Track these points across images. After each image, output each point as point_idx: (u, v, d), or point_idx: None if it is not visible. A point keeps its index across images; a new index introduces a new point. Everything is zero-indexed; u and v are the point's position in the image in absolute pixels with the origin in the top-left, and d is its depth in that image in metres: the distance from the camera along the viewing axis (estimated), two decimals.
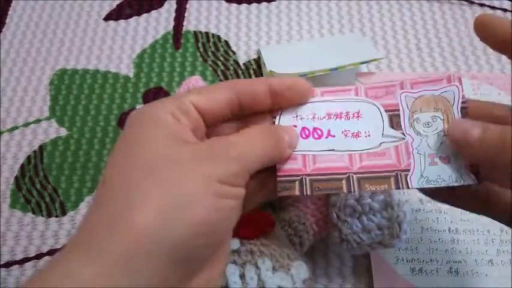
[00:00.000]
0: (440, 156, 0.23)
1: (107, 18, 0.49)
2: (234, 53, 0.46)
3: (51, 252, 0.36)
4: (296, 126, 0.24)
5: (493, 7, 0.46)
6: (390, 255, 0.34)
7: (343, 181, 0.23)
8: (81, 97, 0.44)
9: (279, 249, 0.27)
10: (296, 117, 0.25)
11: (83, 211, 0.38)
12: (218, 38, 0.47)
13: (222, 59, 0.45)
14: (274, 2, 0.49)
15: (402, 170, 0.23)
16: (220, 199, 0.19)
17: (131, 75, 0.45)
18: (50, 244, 0.37)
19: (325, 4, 0.49)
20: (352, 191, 0.23)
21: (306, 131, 0.24)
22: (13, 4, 0.50)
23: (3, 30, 0.49)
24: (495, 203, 0.23)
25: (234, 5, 0.49)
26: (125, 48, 0.47)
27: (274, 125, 0.24)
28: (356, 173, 0.23)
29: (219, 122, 0.23)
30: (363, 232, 0.29)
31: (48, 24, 0.49)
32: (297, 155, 0.24)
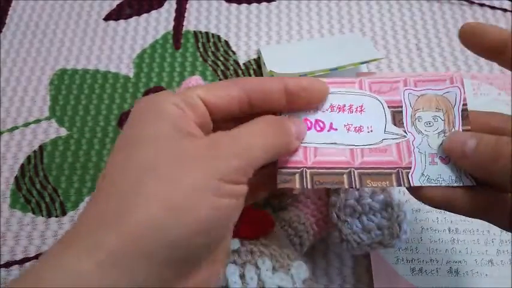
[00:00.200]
0: (441, 156, 0.23)
1: (107, 18, 0.49)
2: (234, 53, 0.46)
3: None
4: (298, 117, 0.24)
5: (493, 7, 0.46)
6: (390, 255, 0.34)
7: (345, 176, 0.23)
8: (81, 97, 0.44)
9: (279, 249, 0.27)
10: None
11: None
12: (218, 38, 0.47)
13: (222, 59, 0.45)
14: (274, 2, 0.49)
15: (403, 168, 0.23)
16: (220, 198, 0.19)
17: (131, 75, 0.45)
18: (50, 244, 0.37)
19: (325, 4, 0.49)
20: (353, 186, 0.23)
21: (308, 123, 0.24)
22: (13, 4, 0.50)
23: (3, 30, 0.49)
24: (492, 207, 0.22)
25: (234, 5, 0.49)
26: (125, 48, 0.47)
27: (280, 116, 0.23)
28: (357, 168, 0.23)
29: (227, 118, 0.23)
30: (363, 232, 0.29)
31: (48, 24, 0.49)
32: (298, 147, 0.23)
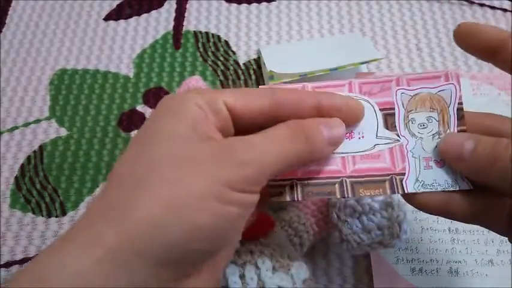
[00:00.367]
0: (435, 159, 0.22)
1: (107, 18, 0.49)
2: (234, 53, 0.46)
3: None
4: None
5: (493, 7, 0.46)
6: (390, 255, 0.34)
7: (336, 185, 0.22)
8: (81, 97, 0.44)
9: (279, 250, 0.27)
10: None
11: (83, 211, 0.38)
12: (218, 38, 0.47)
13: (222, 59, 0.45)
14: (274, 2, 0.49)
15: (397, 174, 0.22)
16: (223, 205, 0.18)
17: (131, 75, 0.45)
18: None
19: (325, 4, 0.49)
20: (345, 196, 0.22)
21: None
22: (13, 4, 0.50)
23: (3, 30, 0.48)
24: (489, 212, 0.22)
25: (234, 5, 0.49)
26: (124, 48, 0.47)
27: (307, 119, 0.21)
28: (349, 176, 0.22)
29: (252, 126, 0.21)
30: (363, 232, 0.29)
31: (48, 24, 0.49)
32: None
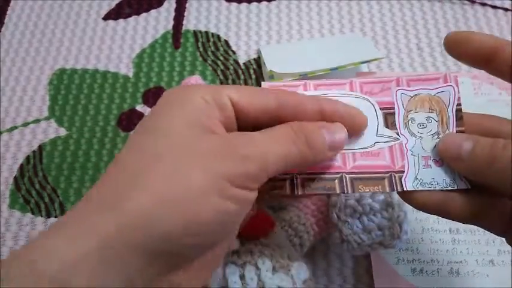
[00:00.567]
0: (434, 159, 0.22)
1: (106, 17, 0.49)
2: (234, 52, 0.46)
3: None
4: None
5: (494, 6, 0.46)
6: (391, 256, 0.34)
7: (336, 181, 0.22)
8: (80, 97, 0.44)
9: (279, 250, 0.27)
10: None
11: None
12: (218, 37, 0.47)
13: (221, 58, 0.45)
14: (274, 2, 0.49)
15: (396, 172, 0.22)
16: (223, 200, 0.18)
17: (130, 75, 0.45)
18: None
19: (326, 4, 0.48)
20: (345, 191, 0.22)
21: None
22: (12, 4, 0.50)
23: (2, 30, 0.48)
24: (487, 212, 0.22)
25: (234, 4, 0.49)
26: (124, 47, 0.47)
27: (310, 122, 0.21)
28: (349, 173, 0.22)
29: (255, 124, 0.22)
30: (363, 232, 0.29)
31: (47, 23, 0.49)
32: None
